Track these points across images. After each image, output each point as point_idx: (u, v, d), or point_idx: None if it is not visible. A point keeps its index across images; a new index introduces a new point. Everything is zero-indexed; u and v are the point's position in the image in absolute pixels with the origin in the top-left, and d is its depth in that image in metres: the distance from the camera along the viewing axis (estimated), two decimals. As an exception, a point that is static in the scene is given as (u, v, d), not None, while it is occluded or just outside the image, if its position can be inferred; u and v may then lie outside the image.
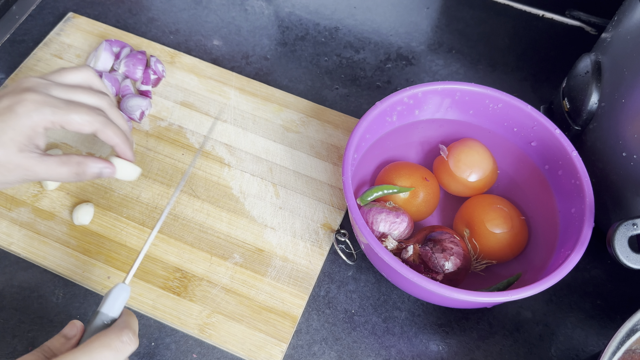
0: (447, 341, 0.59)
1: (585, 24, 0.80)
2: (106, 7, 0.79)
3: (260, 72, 0.75)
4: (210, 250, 0.62)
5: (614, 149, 0.57)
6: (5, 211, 0.63)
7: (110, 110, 0.53)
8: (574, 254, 0.52)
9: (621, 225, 0.47)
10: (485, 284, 0.58)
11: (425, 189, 0.62)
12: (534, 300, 0.61)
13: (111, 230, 0.62)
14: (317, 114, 0.71)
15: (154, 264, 0.61)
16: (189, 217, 0.63)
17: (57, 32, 0.75)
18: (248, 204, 0.65)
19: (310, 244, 0.63)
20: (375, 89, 0.75)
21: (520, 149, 0.63)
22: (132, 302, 0.58)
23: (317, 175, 0.67)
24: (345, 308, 0.60)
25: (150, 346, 0.57)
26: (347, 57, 0.77)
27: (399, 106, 0.61)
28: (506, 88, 0.64)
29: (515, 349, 0.59)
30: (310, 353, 0.58)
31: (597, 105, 0.58)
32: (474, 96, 0.62)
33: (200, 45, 0.77)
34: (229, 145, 0.68)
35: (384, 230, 0.58)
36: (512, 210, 0.60)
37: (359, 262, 0.63)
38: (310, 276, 0.61)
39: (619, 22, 0.56)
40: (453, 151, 0.62)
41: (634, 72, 0.53)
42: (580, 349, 0.59)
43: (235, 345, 0.57)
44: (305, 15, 0.80)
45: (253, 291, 0.60)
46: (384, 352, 0.58)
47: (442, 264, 0.55)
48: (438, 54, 0.78)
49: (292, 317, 0.59)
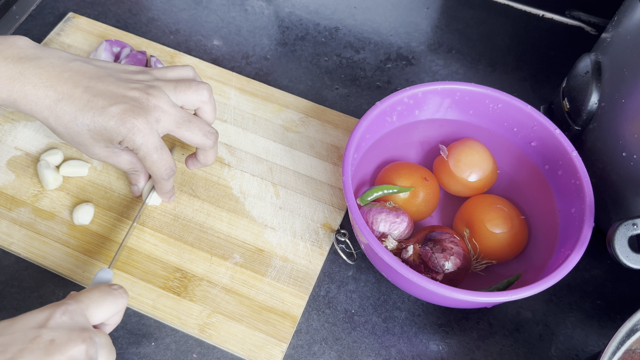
0: (447, 341, 0.59)
1: (585, 24, 0.80)
2: (106, 7, 0.79)
3: (260, 72, 0.75)
4: (210, 250, 0.62)
5: (614, 149, 0.57)
6: (5, 211, 0.63)
7: (209, 151, 0.60)
8: (574, 254, 0.52)
9: (621, 225, 0.47)
10: (485, 284, 0.58)
11: (425, 189, 0.62)
12: (534, 300, 0.61)
13: (111, 230, 0.62)
14: (317, 114, 0.71)
15: (154, 264, 0.61)
16: (189, 217, 0.63)
17: (57, 32, 0.75)
18: (248, 204, 0.65)
19: (310, 244, 0.63)
20: (375, 89, 0.75)
21: (520, 149, 0.63)
22: (132, 302, 0.58)
23: (317, 175, 0.67)
24: (345, 308, 0.60)
25: (150, 346, 0.57)
26: (347, 57, 0.77)
27: (399, 106, 0.61)
28: (506, 88, 0.64)
29: (515, 349, 0.59)
30: (310, 353, 0.58)
31: (597, 105, 0.58)
32: (474, 96, 0.62)
33: (200, 45, 0.77)
34: (229, 145, 0.68)
35: (384, 230, 0.58)
36: (512, 210, 0.60)
37: (359, 262, 0.63)
38: (310, 276, 0.61)
39: (619, 22, 0.56)
40: (453, 151, 0.62)
41: (634, 72, 0.53)
42: (580, 349, 0.59)
43: (236, 345, 0.57)
44: (305, 15, 0.80)
45: (253, 291, 0.60)
46: (384, 352, 0.58)
47: (442, 264, 0.55)
48: (438, 54, 0.78)
49: (292, 317, 0.59)
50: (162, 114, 0.54)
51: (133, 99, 0.54)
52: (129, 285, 0.59)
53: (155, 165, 0.56)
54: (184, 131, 0.56)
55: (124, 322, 0.58)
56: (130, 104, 0.53)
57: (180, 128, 0.56)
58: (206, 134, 0.57)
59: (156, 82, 0.56)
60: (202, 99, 0.57)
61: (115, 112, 0.53)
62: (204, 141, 0.57)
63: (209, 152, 0.60)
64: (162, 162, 0.56)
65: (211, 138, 0.58)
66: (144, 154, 0.54)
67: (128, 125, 0.52)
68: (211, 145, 0.58)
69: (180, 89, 0.56)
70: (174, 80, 0.57)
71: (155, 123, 0.54)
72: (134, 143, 0.53)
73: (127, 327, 0.58)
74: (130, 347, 0.57)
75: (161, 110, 0.54)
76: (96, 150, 0.56)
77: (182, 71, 0.59)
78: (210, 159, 0.61)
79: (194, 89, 0.57)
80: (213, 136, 0.58)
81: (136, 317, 0.59)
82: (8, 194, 0.64)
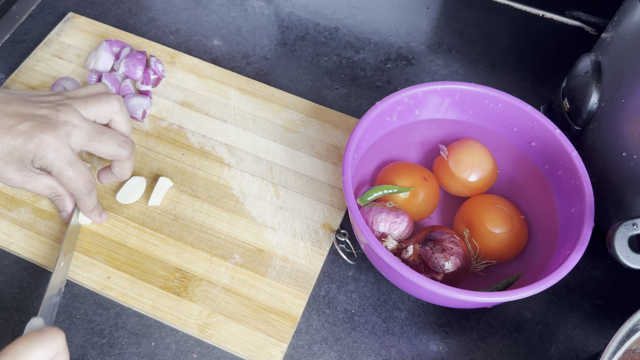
0: (447, 341, 0.59)
1: (585, 24, 0.80)
2: (106, 7, 0.79)
3: (260, 72, 0.75)
4: (210, 250, 0.62)
5: (614, 149, 0.57)
6: (5, 211, 0.63)
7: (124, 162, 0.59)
8: (574, 254, 0.52)
9: (621, 225, 0.47)
10: (485, 284, 0.58)
11: (425, 189, 0.62)
12: (534, 300, 0.61)
13: (111, 230, 0.62)
14: (317, 114, 0.71)
15: (154, 264, 0.61)
16: (189, 217, 0.63)
17: (57, 32, 0.75)
18: (248, 204, 0.65)
19: (310, 244, 0.63)
20: (375, 89, 0.75)
21: (520, 149, 0.63)
22: (132, 302, 0.58)
23: (317, 175, 0.67)
24: (345, 308, 0.60)
25: (150, 346, 0.57)
26: (347, 57, 0.77)
27: (399, 106, 0.61)
28: (506, 88, 0.64)
29: (515, 349, 0.59)
30: (310, 353, 0.58)
31: (597, 105, 0.58)
32: (474, 96, 0.62)
33: (200, 45, 0.77)
34: (229, 145, 0.68)
35: (384, 230, 0.58)
36: (512, 210, 0.60)
37: (359, 262, 0.63)
38: (310, 276, 0.61)
39: (619, 22, 0.56)
40: (453, 151, 0.62)
41: (634, 72, 0.53)
42: (580, 349, 0.59)
43: (236, 345, 0.57)
44: (305, 15, 0.80)
45: (253, 291, 0.60)
46: (384, 352, 0.58)
47: (442, 264, 0.55)
48: (438, 54, 0.78)
49: (292, 317, 0.59)
50: (73, 129, 0.54)
51: (42, 117, 0.53)
52: (129, 285, 0.59)
53: (72, 181, 0.54)
54: (97, 143, 0.55)
55: (124, 322, 0.58)
56: (38, 120, 0.52)
57: (93, 140, 0.55)
58: (121, 144, 0.57)
59: (66, 100, 0.56)
60: (113, 109, 0.57)
61: (23, 129, 0.52)
62: (119, 151, 0.57)
63: (125, 164, 0.59)
64: (79, 175, 0.54)
65: (126, 148, 0.57)
66: (58, 170, 0.53)
67: (36, 140, 0.52)
68: (127, 156, 0.58)
69: (90, 102, 0.56)
70: (85, 96, 0.57)
71: (67, 137, 0.53)
72: (46, 159, 0.52)
73: (127, 327, 0.58)
74: (130, 347, 0.57)
75: (71, 124, 0.54)
76: (10, 174, 0.54)
77: (94, 88, 0.59)
78: (127, 171, 0.60)
79: (104, 101, 0.56)
80: (129, 146, 0.57)
81: (136, 317, 0.59)
82: (8, 194, 0.64)
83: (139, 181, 0.64)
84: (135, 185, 0.64)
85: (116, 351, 0.57)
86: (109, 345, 0.57)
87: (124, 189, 0.64)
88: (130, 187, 0.64)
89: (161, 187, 0.64)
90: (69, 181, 0.54)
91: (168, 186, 0.65)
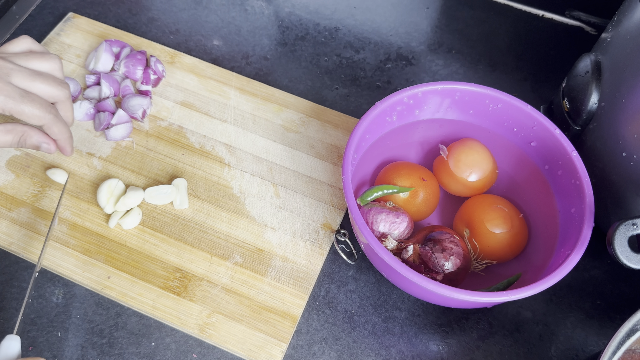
0: (447, 341, 0.59)
1: (585, 24, 0.80)
2: (106, 7, 0.79)
3: (260, 72, 0.75)
4: (210, 250, 0.62)
5: (614, 149, 0.57)
6: (5, 211, 0.63)
7: (65, 103, 0.57)
8: (574, 254, 0.52)
9: (621, 225, 0.47)
10: (485, 284, 0.58)
11: (425, 189, 0.62)
12: (534, 300, 0.61)
13: (111, 230, 0.62)
14: (317, 114, 0.71)
15: (154, 264, 0.61)
16: (189, 217, 0.63)
17: (57, 32, 0.75)
18: (248, 204, 0.65)
19: (310, 244, 0.63)
20: (375, 89, 0.75)
21: (520, 149, 0.63)
22: (132, 302, 0.58)
23: (317, 175, 0.67)
24: (345, 308, 0.60)
25: (150, 346, 0.57)
26: (347, 57, 0.77)
27: (399, 106, 0.61)
28: (506, 88, 0.64)
29: (515, 349, 0.59)
30: (310, 353, 0.58)
31: (597, 105, 0.58)
32: (474, 96, 0.62)
33: (200, 45, 0.77)
34: (229, 145, 0.68)
35: (384, 230, 0.58)
36: (512, 210, 0.60)
37: (359, 262, 0.63)
38: (310, 276, 0.61)
39: (619, 22, 0.56)
40: (453, 151, 0.62)
41: (634, 72, 0.53)
42: (580, 349, 0.59)
43: (235, 345, 0.57)
44: (305, 15, 0.80)
45: (253, 291, 0.60)
46: (384, 352, 0.58)
47: (442, 264, 0.55)
48: (438, 54, 0.78)
49: (292, 317, 0.59)
50: (11, 70, 0.53)
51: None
52: (129, 285, 0.59)
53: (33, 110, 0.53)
54: (39, 84, 0.54)
55: (124, 322, 0.58)
56: None
57: (35, 80, 0.54)
58: (60, 83, 0.56)
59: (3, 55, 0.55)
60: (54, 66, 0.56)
61: None
62: (60, 90, 0.56)
63: (67, 105, 0.57)
64: (36, 103, 0.53)
65: (65, 86, 0.56)
66: (12, 108, 0.52)
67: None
68: (68, 95, 0.56)
69: (31, 57, 0.56)
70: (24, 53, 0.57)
71: (7, 77, 0.53)
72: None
73: (127, 327, 0.58)
74: (130, 347, 0.57)
75: (9, 67, 0.53)
76: None
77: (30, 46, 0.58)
78: (70, 113, 0.58)
79: (47, 58, 0.56)
80: (66, 84, 0.57)
81: (136, 317, 0.59)
82: (8, 194, 0.64)
83: (169, 189, 0.64)
84: (165, 193, 0.64)
85: (116, 351, 0.57)
86: (109, 345, 0.57)
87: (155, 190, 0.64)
88: (161, 193, 0.64)
89: (182, 189, 0.64)
90: (31, 112, 0.53)
91: (185, 185, 0.65)
